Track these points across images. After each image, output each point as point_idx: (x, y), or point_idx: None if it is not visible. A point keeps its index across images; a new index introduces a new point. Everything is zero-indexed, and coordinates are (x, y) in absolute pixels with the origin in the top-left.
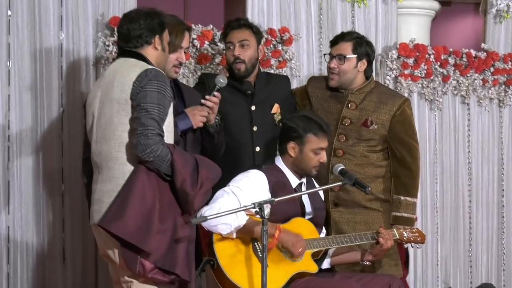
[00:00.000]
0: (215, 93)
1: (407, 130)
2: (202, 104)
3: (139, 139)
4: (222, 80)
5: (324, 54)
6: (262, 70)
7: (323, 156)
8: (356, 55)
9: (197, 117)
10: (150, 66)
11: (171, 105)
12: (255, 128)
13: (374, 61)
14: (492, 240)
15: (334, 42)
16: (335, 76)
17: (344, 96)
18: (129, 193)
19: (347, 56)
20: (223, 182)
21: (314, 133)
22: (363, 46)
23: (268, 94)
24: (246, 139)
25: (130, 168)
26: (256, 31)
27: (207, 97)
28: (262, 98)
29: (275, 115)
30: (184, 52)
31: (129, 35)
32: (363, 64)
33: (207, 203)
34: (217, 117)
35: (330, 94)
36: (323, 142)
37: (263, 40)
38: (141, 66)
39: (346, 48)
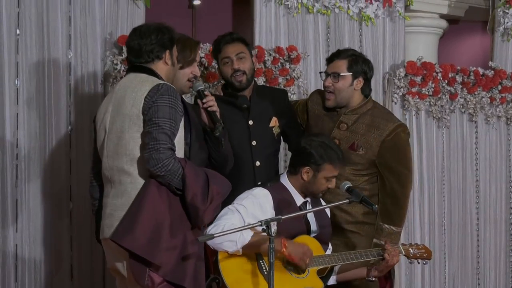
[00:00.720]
0: (205, 93)
1: (397, 157)
2: (208, 112)
3: (151, 154)
4: (197, 84)
5: (320, 72)
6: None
7: (333, 183)
8: (351, 73)
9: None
10: (161, 81)
11: (182, 119)
12: (254, 143)
13: (372, 79)
14: (500, 257)
15: (330, 59)
16: (331, 95)
17: (337, 116)
18: (139, 207)
19: (341, 74)
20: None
21: (331, 163)
22: (359, 64)
23: (264, 108)
24: (246, 154)
25: (142, 182)
26: (247, 43)
27: (204, 100)
28: (258, 112)
29: (273, 129)
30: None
31: (140, 50)
32: (359, 82)
33: (212, 221)
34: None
35: (325, 112)
36: (337, 170)
37: (270, 59)
38: (152, 81)
39: (341, 66)
